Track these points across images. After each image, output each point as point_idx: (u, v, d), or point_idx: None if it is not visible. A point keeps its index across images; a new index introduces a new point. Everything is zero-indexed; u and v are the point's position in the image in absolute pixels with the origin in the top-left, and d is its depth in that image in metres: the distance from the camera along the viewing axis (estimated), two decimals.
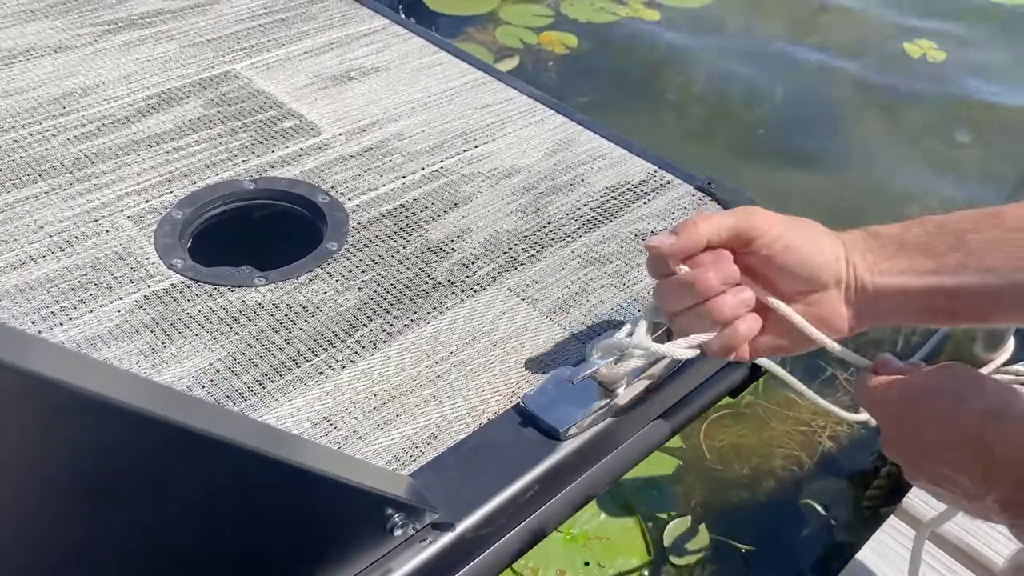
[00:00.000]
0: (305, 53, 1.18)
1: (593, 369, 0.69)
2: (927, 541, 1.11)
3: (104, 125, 1.02)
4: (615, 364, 0.69)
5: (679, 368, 0.74)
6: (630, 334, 0.68)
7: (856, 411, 1.02)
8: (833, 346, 0.64)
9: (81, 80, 1.09)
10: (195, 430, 0.42)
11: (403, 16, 1.32)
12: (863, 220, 0.65)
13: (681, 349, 0.65)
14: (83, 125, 1.01)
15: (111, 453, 0.41)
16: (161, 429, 0.41)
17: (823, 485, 1.44)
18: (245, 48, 1.18)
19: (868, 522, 1.31)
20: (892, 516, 1.16)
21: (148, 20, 1.23)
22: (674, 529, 1.40)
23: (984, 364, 1.28)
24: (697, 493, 1.44)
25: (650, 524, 1.39)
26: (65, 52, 1.14)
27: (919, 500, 1.16)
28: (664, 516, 1.41)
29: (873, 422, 0.68)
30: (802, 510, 1.41)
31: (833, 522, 1.39)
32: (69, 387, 0.36)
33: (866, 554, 1.11)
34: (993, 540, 1.11)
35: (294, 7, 1.28)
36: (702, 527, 1.39)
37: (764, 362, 0.75)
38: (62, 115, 1.03)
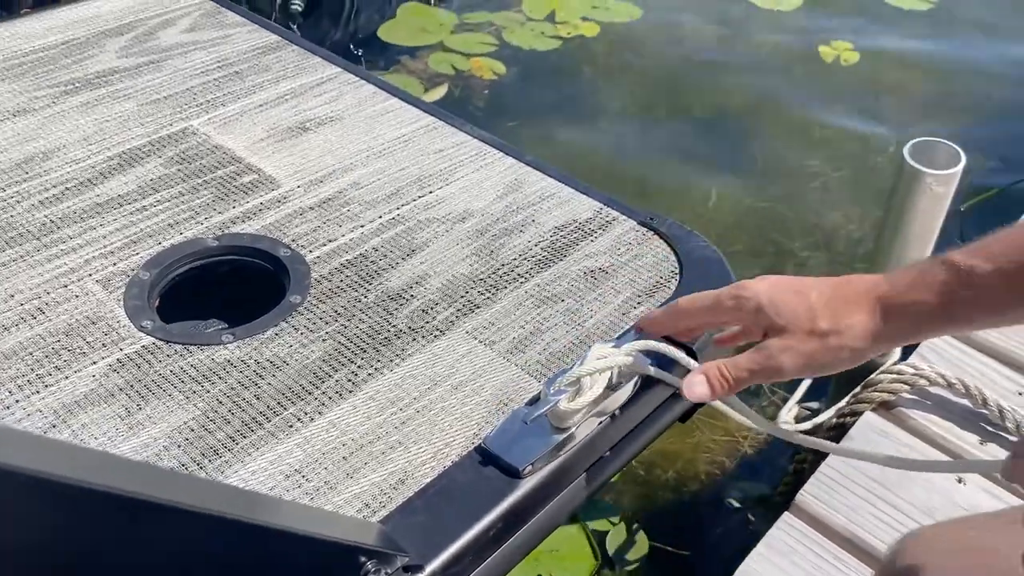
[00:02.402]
0: (260, 106, 1.22)
1: (549, 407, 0.74)
2: (817, 534, 1.18)
3: (67, 189, 1.05)
4: (570, 400, 0.73)
5: (629, 401, 0.79)
6: (580, 364, 0.73)
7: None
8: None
9: (42, 144, 1.12)
10: (164, 502, 0.45)
11: (354, 53, 1.36)
12: (783, 227, 0.70)
13: (621, 356, 0.72)
14: (47, 190, 1.04)
15: (66, 532, 0.43)
16: (126, 505, 0.44)
17: (744, 486, 1.51)
18: (201, 104, 1.22)
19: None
20: (786, 512, 1.21)
21: (104, 79, 1.26)
22: (615, 537, 1.46)
23: (878, 367, 1.35)
24: (632, 499, 1.50)
25: (593, 530, 1.45)
26: (24, 116, 1.17)
27: (811, 496, 1.22)
28: (604, 524, 1.47)
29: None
30: (726, 509, 1.48)
31: (751, 519, 1.45)
32: (18, 471, 0.38)
33: (761, 550, 1.17)
34: (878, 530, 1.18)
35: (247, 60, 1.32)
36: (640, 534, 1.45)
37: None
38: (25, 180, 1.06)
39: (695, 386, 0.69)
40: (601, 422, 0.77)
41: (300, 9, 2.39)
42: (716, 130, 2.45)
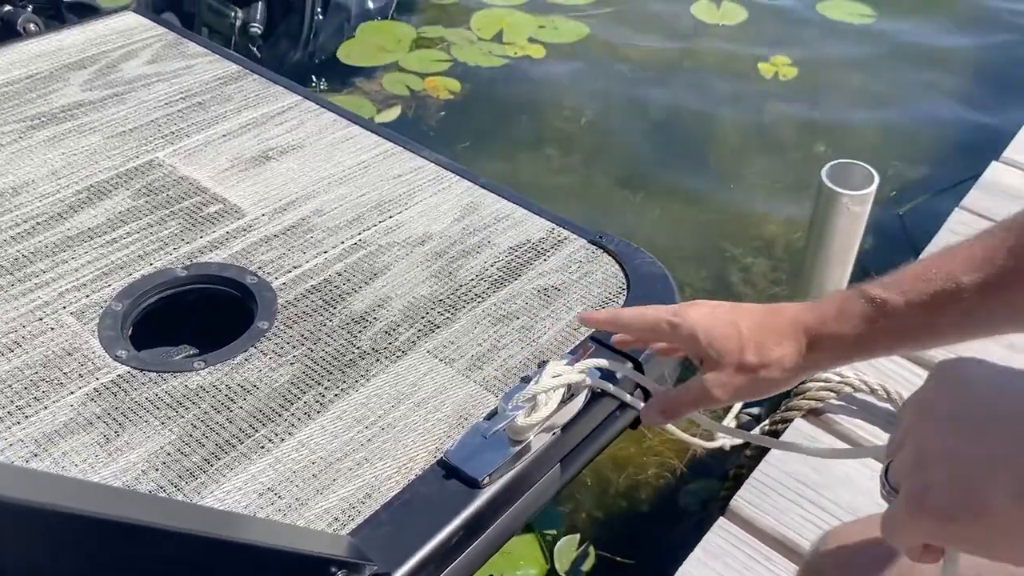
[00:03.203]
0: (224, 136, 1.26)
1: (507, 422, 0.79)
2: (749, 536, 1.24)
3: (38, 224, 1.08)
4: (527, 416, 0.79)
5: (579, 413, 0.84)
6: (536, 382, 0.79)
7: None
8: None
9: (11, 179, 1.16)
10: (144, 523, 0.50)
11: (313, 74, 1.40)
12: (728, 234, 0.74)
13: (575, 374, 0.79)
14: (18, 225, 1.08)
15: (52, 556, 0.47)
16: (108, 528, 0.48)
17: (694, 488, 1.57)
18: (166, 135, 1.26)
19: None
20: (721, 517, 1.28)
21: (70, 113, 1.30)
22: (564, 548, 1.50)
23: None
24: (583, 506, 1.55)
25: (545, 537, 1.50)
26: None
27: (744, 501, 1.29)
28: (555, 532, 1.51)
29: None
30: (675, 513, 1.54)
31: (699, 522, 1.51)
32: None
33: (698, 554, 1.23)
34: (805, 530, 1.24)
35: (209, 90, 1.36)
36: (589, 543, 1.49)
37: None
38: None
39: (650, 416, 0.78)
40: (555, 433, 0.83)
41: (260, 32, 2.42)
42: (663, 144, 2.52)
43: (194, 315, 1.04)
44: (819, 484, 1.29)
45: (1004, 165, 1.97)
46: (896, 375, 1.43)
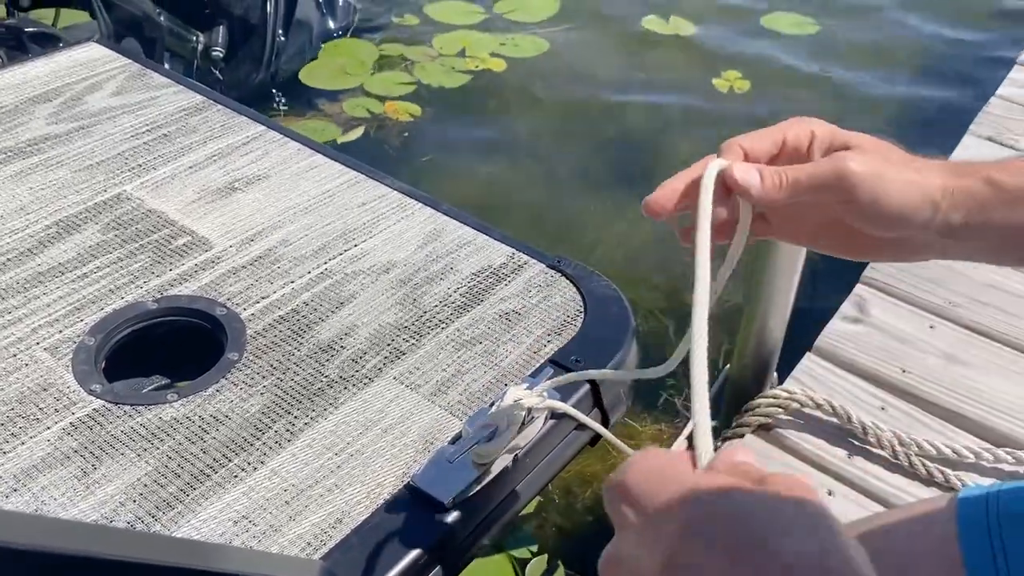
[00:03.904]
0: (190, 167, 1.29)
1: (470, 446, 0.84)
2: None
3: (9, 259, 1.11)
4: (489, 440, 0.83)
5: (539, 434, 0.89)
6: (497, 407, 0.83)
7: None
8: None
9: None
10: (125, 559, 0.53)
11: (276, 97, 1.43)
12: (683, 249, 0.70)
13: (535, 398, 0.83)
14: None
15: None
16: (90, 565, 0.51)
17: None
18: (133, 168, 1.28)
19: None
20: None
21: (36, 147, 1.32)
22: (536, 567, 1.53)
23: (756, 394, 1.49)
24: (551, 525, 1.59)
25: (516, 559, 1.54)
26: None
27: None
28: (525, 552, 1.55)
29: None
30: None
31: None
32: None
33: None
34: None
35: (175, 122, 1.39)
36: (558, 563, 1.54)
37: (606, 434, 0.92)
38: None
39: (745, 173, 0.61)
40: (516, 455, 0.87)
41: (222, 55, 2.45)
42: (620, 159, 2.59)
43: (165, 347, 1.07)
44: None
45: None
46: (842, 390, 1.49)
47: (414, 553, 0.79)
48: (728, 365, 1.62)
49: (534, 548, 1.56)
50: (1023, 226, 0.60)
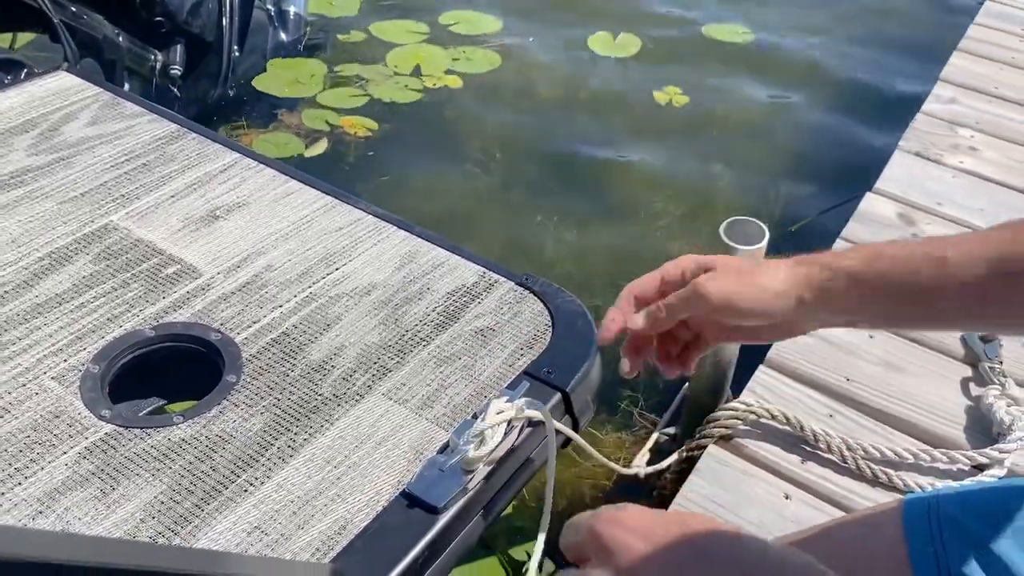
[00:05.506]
0: (171, 196, 1.36)
1: (459, 455, 0.93)
2: None
3: (6, 292, 1.17)
4: (476, 449, 0.93)
5: (518, 441, 0.98)
6: (482, 419, 0.93)
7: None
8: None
9: None
10: (159, 569, 0.60)
11: (236, 111, 1.48)
12: (635, 260, 0.88)
13: (515, 410, 0.94)
14: None
15: None
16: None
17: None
18: (117, 198, 1.34)
19: None
20: None
21: (19, 179, 1.37)
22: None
23: (715, 408, 1.61)
24: (528, 527, 1.68)
25: (510, 560, 1.64)
26: None
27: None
28: (520, 552, 1.65)
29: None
30: None
31: None
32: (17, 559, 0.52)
33: None
34: None
35: (152, 151, 1.45)
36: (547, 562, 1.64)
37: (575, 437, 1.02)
38: None
39: (637, 319, 0.83)
40: (499, 460, 0.97)
41: (179, 72, 2.49)
42: (570, 174, 2.70)
43: (165, 372, 1.14)
44: (732, 504, 1.46)
45: (876, 195, 2.20)
46: (794, 400, 1.62)
47: (413, 553, 0.88)
48: (687, 383, 1.75)
49: (529, 547, 1.66)
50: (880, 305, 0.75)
